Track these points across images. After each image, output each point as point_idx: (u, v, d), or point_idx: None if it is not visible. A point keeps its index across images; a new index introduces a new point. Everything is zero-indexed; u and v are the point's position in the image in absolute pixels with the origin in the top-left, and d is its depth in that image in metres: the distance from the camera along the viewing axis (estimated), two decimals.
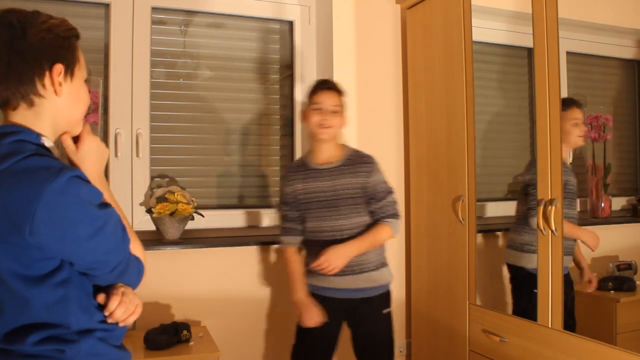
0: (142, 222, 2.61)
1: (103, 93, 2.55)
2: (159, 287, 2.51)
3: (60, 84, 1.11)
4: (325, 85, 2.23)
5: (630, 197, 2.31)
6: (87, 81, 1.20)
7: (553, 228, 1.93)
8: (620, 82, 2.39)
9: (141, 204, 2.61)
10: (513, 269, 2.36)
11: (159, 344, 2.18)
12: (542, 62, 1.99)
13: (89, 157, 1.19)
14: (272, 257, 2.75)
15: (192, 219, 2.57)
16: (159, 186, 2.66)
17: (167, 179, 2.71)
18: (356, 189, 2.18)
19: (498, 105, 2.66)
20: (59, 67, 1.10)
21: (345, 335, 2.29)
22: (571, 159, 2.24)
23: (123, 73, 2.58)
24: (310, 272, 2.24)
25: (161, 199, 2.52)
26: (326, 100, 2.18)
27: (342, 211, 2.18)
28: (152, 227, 2.59)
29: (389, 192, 2.23)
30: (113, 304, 1.11)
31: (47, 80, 1.09)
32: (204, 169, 2.81)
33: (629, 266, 2.14)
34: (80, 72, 1.17)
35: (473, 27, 2.37)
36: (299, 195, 2.23)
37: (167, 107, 2.73)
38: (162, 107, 2.71)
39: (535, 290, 2.05)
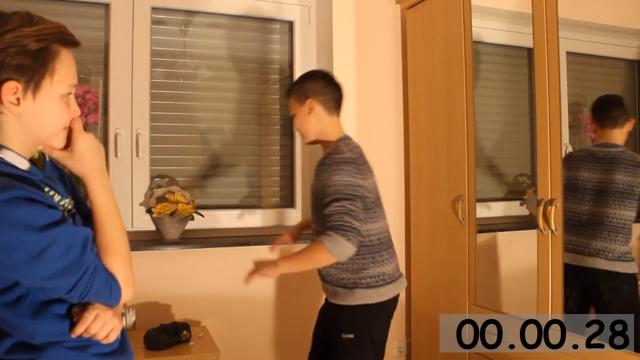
0: (142, 222, 2.61)
1: (103, 93, 2.55)
2: (159, 287, 2.51)
3: (15, 102, 1.02)
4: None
5: None
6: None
7: (553, 228, 1.93)
8: (621, 82, 2.38)
9: (141, 204, 2.61)
10: None
11: (159, 344, 2.19)
12: (542, 62, 1.99)
13: (87, 155, 1.11)
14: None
15: (192, 219, 2.57)
16: (159, 186, 2.66)
17: (167, 179, 2.71)
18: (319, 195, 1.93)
19: (498, 105, 2.65)
20: (9, 86, 1.00)
21: None
22: None
23: (123, 73, 2.58)
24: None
25: (161, 199, 2.53)
26: (289, 107, 2.11)
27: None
28: (152, 227, 2.60)
29: (335, 199, 1.81)
30: (79, 328, 1.05)
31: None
32: (204, 168, 2.81)
33: None
34: (54, 87, 1.05)
35: (473, 27, 2.37)
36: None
37: (167, 107, 2.73)
38: (162, 107, 2.71)
39: None
